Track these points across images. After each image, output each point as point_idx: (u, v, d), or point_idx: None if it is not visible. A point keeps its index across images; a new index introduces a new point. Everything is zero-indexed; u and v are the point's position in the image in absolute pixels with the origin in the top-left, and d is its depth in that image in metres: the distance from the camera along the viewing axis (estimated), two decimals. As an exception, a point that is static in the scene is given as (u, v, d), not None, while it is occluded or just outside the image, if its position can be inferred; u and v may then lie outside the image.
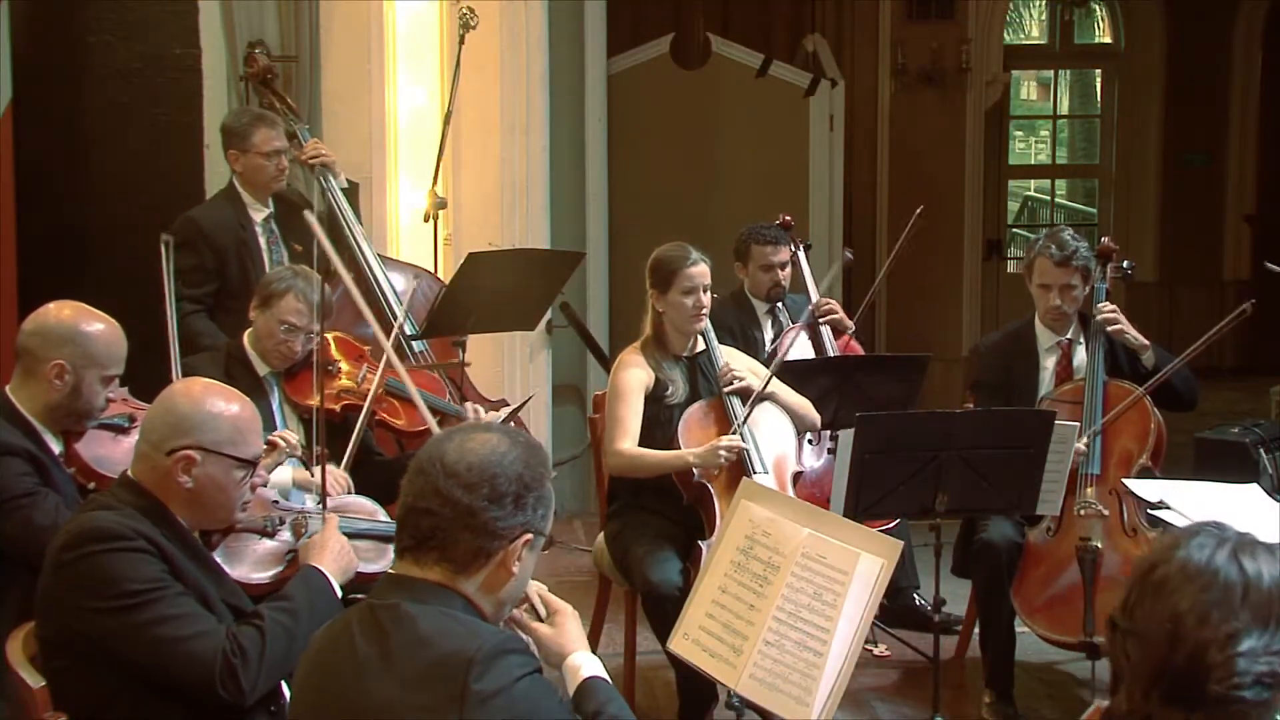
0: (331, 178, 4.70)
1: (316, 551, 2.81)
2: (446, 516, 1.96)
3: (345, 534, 3.07)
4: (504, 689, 1.86)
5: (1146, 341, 4.25)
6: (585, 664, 2.18)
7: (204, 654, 2.41)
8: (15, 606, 2.76)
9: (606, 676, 2.19)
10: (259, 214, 4.56)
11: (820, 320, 5.01)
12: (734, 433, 3.92)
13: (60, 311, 3.10)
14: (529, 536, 2.01)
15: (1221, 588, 1.57)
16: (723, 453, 3.84)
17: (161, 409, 2.63)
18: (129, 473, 2.61)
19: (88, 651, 2.42)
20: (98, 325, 3.09)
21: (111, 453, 3.17)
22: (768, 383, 4.00)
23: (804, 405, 4.17)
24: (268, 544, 3.02)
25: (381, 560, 3.23)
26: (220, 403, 2.62)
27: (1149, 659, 1.59)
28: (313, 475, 3.46)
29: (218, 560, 2.83)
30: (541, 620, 2.24)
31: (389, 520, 3.35)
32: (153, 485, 2.57)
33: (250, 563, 2.96)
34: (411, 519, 1.99)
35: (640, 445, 3.99)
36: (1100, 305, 4.26)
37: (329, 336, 3.97)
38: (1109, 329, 4.20)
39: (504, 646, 1.91)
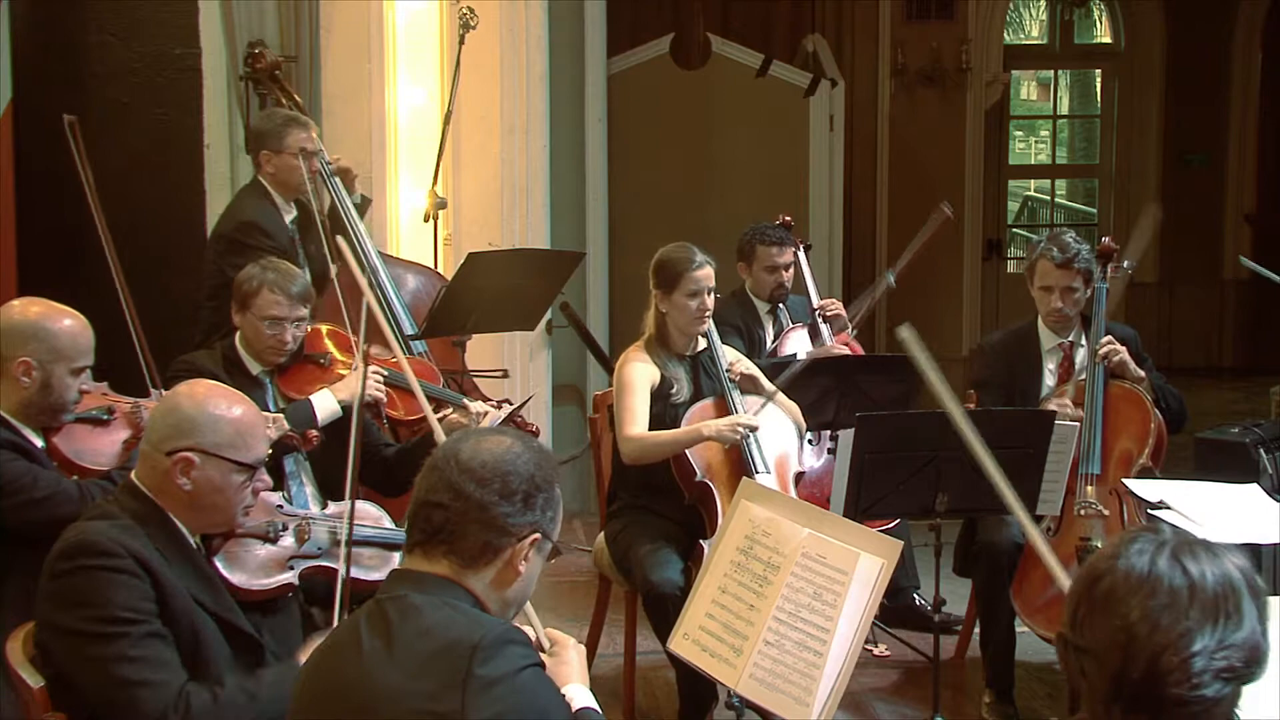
0: (343, 186, 4.67)
1: (301, 650, 2.74)
2: (457, 510, 1.98)
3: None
4: (507, 676, 1.87)
5: (1143, 374, 4.22)
6: (578, 695, 2.18)
7: (149, 705, 2.36)
8: (17, 606, 2.76)
9: (598, 707, 2.19)
10: (288, 215, 4.55)
11: (822, 320, 5.02)
12: (760, 407, 3.96)
13: (25, 309, 3.10)
14: (537, 537, 2.03)
15: (1168, 592, 1.56)
16: (741, 428, 3.86)
17: (164, 409, 2.62)
18: (132, 476, 2.60)
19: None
20: (61, 319, 3.08)
21: (91, 445, 3.17)
22: (781, 382, 4.00)
23: (794, 408, 4.20)
24: (270, 550, 3.00)
25: (385, 568, 3.24)
26: (223, 405, 2.61)
27: (1105, 673, 1.58)
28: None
29: (218, 565, 2.83)
30: (543, 651, 2.23)
31: (394, 527, 3.35)
32: (154, 488, 2.56)
33: (251, 569, 2.95)
34: (423, 514, 2.01)
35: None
36: (1101, 340, 4.21)
37: (320, 328, 3.96)
38: (1112, 360, 4.16)
39: (508, 636, 1.93)
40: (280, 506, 3.13)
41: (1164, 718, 1.55)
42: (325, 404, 3.72)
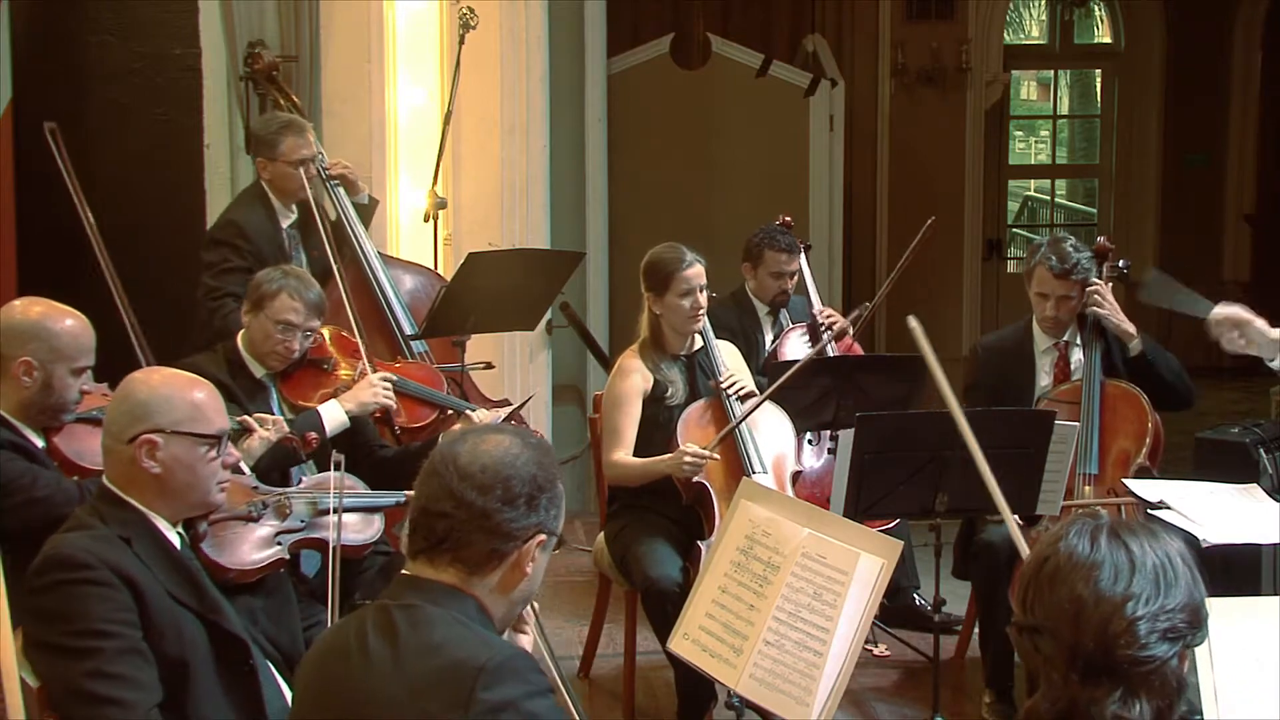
0: (343, 190, 4.66)
1: None
2: (460, 519, 1.95)
3: (326, 509, 3.10)
4: (513, 703, 1.83)
5: (1133, 329, 4.25)
6: None
7: None
8: (16, 606, 2.76)
9: None
10: (285, 220, 4.55)
11: (823, 331, 4.98)
12: (723, 435, 3.92)
13: (26, 309, 3.10)
14: (542, 537, 2.01)
15: (1111, 566, 1.67)
16: (687, 464, 3.81)
17: (118, 400, 2.62)
18: (104, 479, 2.59)
19: None
20: (63, 319, 3.08)
21: (92, 446, 3.15)
22: (773, 389, 3.98)
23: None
24: (255, 529, 3.03)
25: (369, 530, 3.28)
26: (176, 385, 2.62)
27: (1061, 647, 1.66)
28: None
29: (207, 551, 2.83)
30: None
31: (369, 491, 3.38)
32: (124, 484, 2.55)
33: (241, 550, 2.97)
34: (426, 522, 1.98)
35: (640, 447, 3.99)
36: (1094, 284, 4.24)
37: (324, 332, 3.97)
38: (1094, 308, 4.19)
39: (516, 661, 1.88)
40: (255, 487, 3.15)
41: (1119, 681, 1.63)
42: (333, 415, 3.72)
